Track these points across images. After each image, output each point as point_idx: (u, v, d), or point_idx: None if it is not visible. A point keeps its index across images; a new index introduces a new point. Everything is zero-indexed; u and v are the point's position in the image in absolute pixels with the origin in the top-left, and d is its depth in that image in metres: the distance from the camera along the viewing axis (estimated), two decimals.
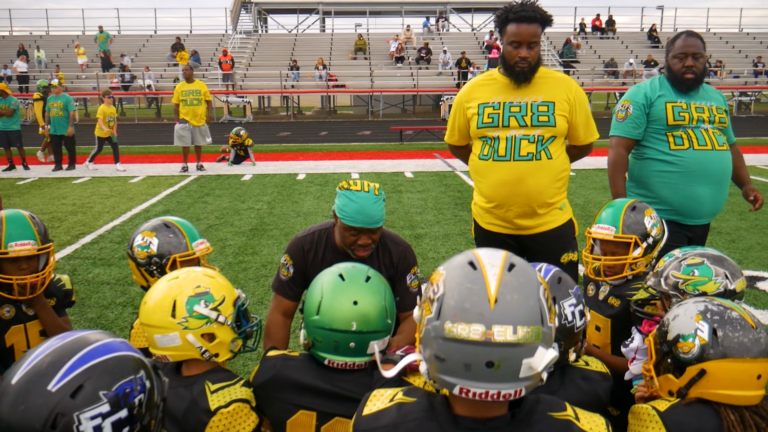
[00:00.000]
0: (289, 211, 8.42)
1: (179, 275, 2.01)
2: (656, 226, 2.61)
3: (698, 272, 2.18)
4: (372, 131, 20.60)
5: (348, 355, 1.93)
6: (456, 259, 1.40)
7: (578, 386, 1.92)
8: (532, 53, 2.87)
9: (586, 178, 10.88)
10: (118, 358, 1.40)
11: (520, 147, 2.92)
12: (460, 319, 1.27)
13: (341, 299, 1.92)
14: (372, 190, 2.46)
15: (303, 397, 1.93)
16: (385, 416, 1.44)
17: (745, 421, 1.73)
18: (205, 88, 12.10)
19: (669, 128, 3.29)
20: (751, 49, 29.44)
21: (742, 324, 1.78)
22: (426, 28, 31.75)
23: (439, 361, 1.32)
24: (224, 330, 2.00)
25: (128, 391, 1.36)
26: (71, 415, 1.28)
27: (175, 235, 2.62)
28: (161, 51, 28.26)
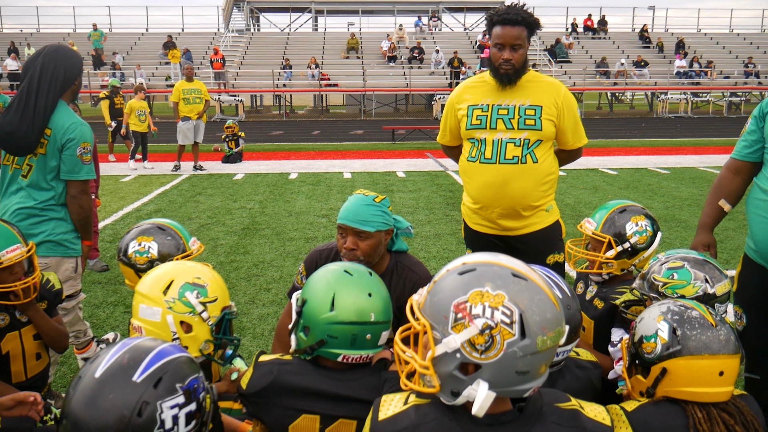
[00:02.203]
0: (281, 210, 8.43)
1: (187, 262, 2.15)
2: (640, 234, 2.61)
3: (677, 276, 2.23)
4: (364, 130, 20.63)
5: (364, 347, 1.92)
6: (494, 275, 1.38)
7: (575, 374, 1.99)
8: (516, 55, 2.90)
9: (577, 178, 10.95)
10: (186, 358, 1.56)
11: (506, 150, 2.95)
12: (550, 329, 1.35)
13: (357, 292, 1.92)
14: (370, 197, 2.41)
15: (304, 401, 1.91)
16: (403, 419, 1.46)
17: (712, 418, 1.78)
18: (204, 87, 12.13)
19: None
20: (741, 50, 29.65)
21: (701, 322, 1.83)
22: (418, 28, 31.79)
23: (520, 375, 1.36)
24: (202, 327, 2.06)
25: (196, 387, 1.51)
26: (155, 404, 1.42)
27: (172, 237, 2.67)
28: (153, 49, 28.16)
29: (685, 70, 27.03)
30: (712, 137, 17.83)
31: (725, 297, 2.24)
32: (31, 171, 3.24)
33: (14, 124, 3.12)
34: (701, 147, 15.51)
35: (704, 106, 28.22)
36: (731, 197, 2.87)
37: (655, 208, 8.31)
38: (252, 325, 4.50)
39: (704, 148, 15.35)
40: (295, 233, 7.16)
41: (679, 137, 17.91)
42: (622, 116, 26.92)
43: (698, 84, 26.93)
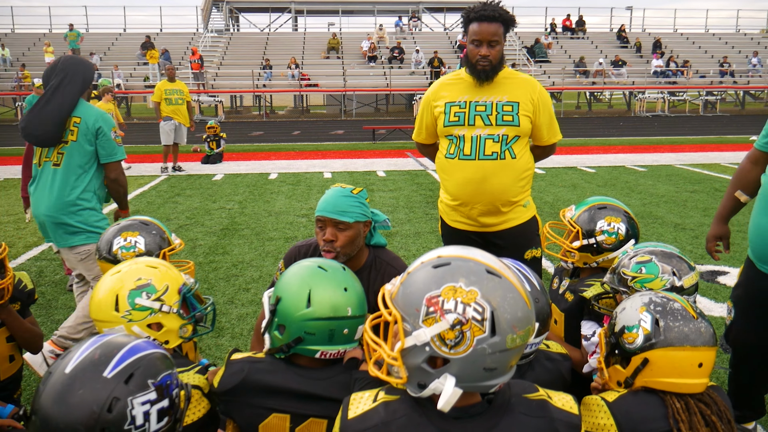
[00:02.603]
0: (261, 210, 8.39)
1: (122, 269, 2.05)
2: (608, 235, 2.61)
3: (645, 270, 2.26)
4: (345, 130, 20.61)
5: (341, 342, 1.92)
6: (468, 271, 1.37)
7: (544, 366, 2.01)
8: (493, 52, 2.92)
9: (555, 176, 11.04)
10: (160, 354, 1.55)
11: (485, 146, 2.97)
12: (520, 328, 1.35)
13: (333, 287, 1.91)
14: (348, 188, 2.42)
15: (275, 400, 1.89)
16: (373, 416, 1.46)
17: (690, 409, 1.80)
18: (186, 88, 12.03)
19: None
20: (716, 50, 30.07)
21: (684, 314, 1.85)
22: (398, 28, 31.82)
23: (488, 372, 1.36)
24: (171, 318, 2.04)
25: (169, 383, 1.51)
26: (126, 400, 1.41)
27: (156, 232, 2.70)
28: (131, 49, 27.89)
29: (662, 69, 27.37)
30: (688, 135, 18.06)
31: (692, 289, 2.27)
32: (63, 159, 3.62)
33: (30, 120, 3.56)
34: (677, 145, 15.71)
35: (681, 105, 28.59)
36: (749, 188, 2.81)
37: (632, 205, 8.40)
38: (231, 325, 4.47)
39: (680, 146, 15.55)
40: (275, 233, 7.13)
41: (656, 136, 18.11)
42: (601, 115, 27.18)
43: (675, 83, 27.28)
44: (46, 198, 3.62)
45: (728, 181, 10.81)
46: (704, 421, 1.80)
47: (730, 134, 18.26)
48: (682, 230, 7.11)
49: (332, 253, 2.36)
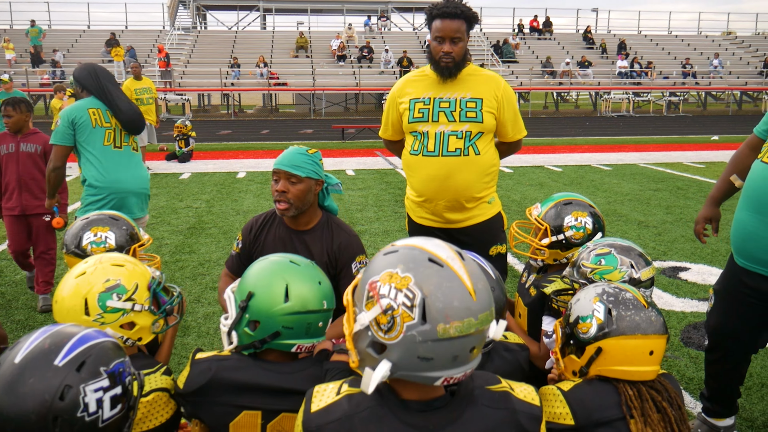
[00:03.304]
0: (228, 209, 8.32)
1: (86, 270, 1.97)
2: (576, 229, 2.64)
3: (605, 261, 2.30)
4: (314, 130, 20.54)
5: (317, 335, 1.94)
6: (409, 258, 1.38)
7: (503, 357, 2.03)
8: (456, 48, 2.93)
9: (523, 175, 11.16)
10: (111, 342, 1.55)
11: (449, 143, 2.99)
12: (453, 318, 1.31)
13: (309, 281, 1.92)
14: (304, 148, 2.56)
15: (245, 398, 1.86)
16: (336, 409, 1.45)
17: (642, 395, 1.85)
18: (153, 85, 11.76)
19: None
20: (679, 51, 30.71)
21: (635, 304, 1.91)
22: (367, 27, 31.81)
23: (424, 361, 1.34)
24: (143, 316, 2.00)
25: (121, 370, 1.50)
26: (78, 387, 1.40)
27: (126, 227, 2.69)
28: (95, 47, 27.36)
29: (626, 70, 27.85)
30: (652, 135, 18.42)
31: (649, 282, 2.32)
32: (134, 143, 4.27)
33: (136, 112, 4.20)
34: (642, 145, 16.01)
35: (645, 105, 29.15)
36: (744, 174, 2.76)
37: (597, 203, 8.50)
38: (197, 324, 4.43)
39: (644, 145, 15.85)
40: None
41: (621, 135, 18.43)
42: (568, 115, 27.56)
43: (639, 84, 27.78)
44: (137, 175, 4.20)
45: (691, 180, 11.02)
46: (656, 407, 1.85)
47: (693, 134, 18.67)
48: (646, 227, 7.25)
49: (284, 203, 2.50)
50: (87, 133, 4.03)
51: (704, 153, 14.01)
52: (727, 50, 31.27)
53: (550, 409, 1.87)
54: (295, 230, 2.62)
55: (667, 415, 1.84)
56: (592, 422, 1.82)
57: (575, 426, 1.82)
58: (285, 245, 2.59)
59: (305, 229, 2.61)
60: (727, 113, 27.61)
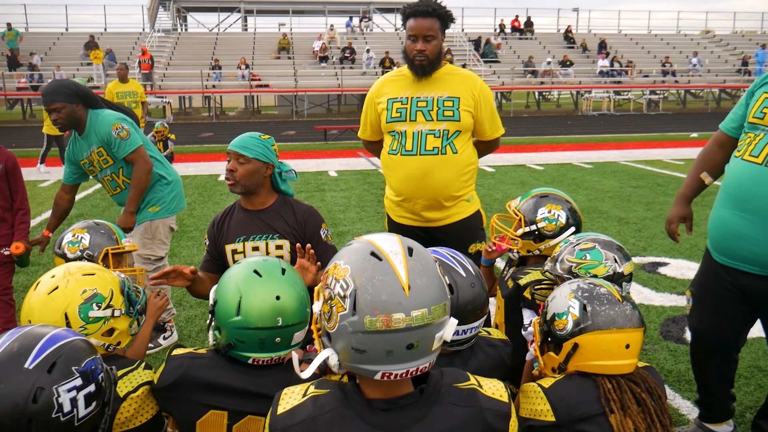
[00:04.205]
0: (210, 212, 8.27)
1: (58, 284, 1.93)
2: (549, 221, 2.69)
3: (590, 256, 2.32)
4: (297, 131, 20.49)
5: (273, 350, 1.91)
6: (354, 250, 1.41)
7: (486, 352, 2.05)
8: (429, 47, 2.94)
9: (505, 174, 11.21)
10: (80, 341, 1.56)
11: (426, 141, 2.99)
12: (380, 312, 1.32)
13: (263, 296, 1.87)
14: (257, 133, 2.71)
15: (213, 397, 1.89)
16: (301, 411, 1.45)
17: (621, 388, 1.87)
18: (141, 88, 11.24)
19: (748, 127, 2.54)
20: (659, 50, 31.02)
21: (609, 298, 1.92)
22: (349, 28, 31.80)
23: (358, 353, 1.35)
24: (121, 320, 2.01)
25: (93, 368, 1.51)
26: (51, 389, 1.41)
27: (105, 231, 2.82)
28: (74, 49, 27.07)
29: (607, 69, 28.08)
30: (633, 133, 18.59)
31: (629, 277, 2.35)
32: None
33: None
34: (622, 142, 16.14)
35: (625, 103, 29.39)
36: (714, 170, 2.79)
37: (578, 200, 8.59)
38: (179, 327, 4.40)
39: (625, 143, 15.98)
40: None
41: (602, 134, 18.57)
42: (549, 114, 27.73)
43: (620, 83, 28.01)
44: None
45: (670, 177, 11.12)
46: (635, 399, 1.87)
47: (672, 131, 18.86)
48: (626, 224, 7.31)
49: (231, 181, 2.64)
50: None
51: (684, 150, 14.15)
52: (706, 48, 31.65)
53: (531, 407, 1.88)
54: (253, 211, 2.73)
55: (647, 407, 1.86)
56: (573, 418, 1.83)
57: (557, 422, 1.83)
58: (246, 227, 2.70)
59: (262, 208, 2.73)
60: (707, 111, 27.93)
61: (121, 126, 3.77)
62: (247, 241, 2.67)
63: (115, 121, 3.77)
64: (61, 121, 3.67)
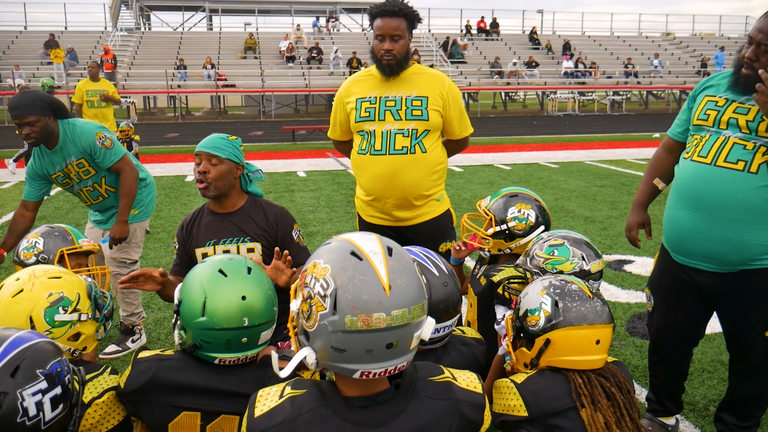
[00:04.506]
0: (178, 213, 8.16)
1: (23, 287, 1.89)
2: (519, 221, 2.73)
3: (558, 252, 2.36)
4: (264, 131, 20.33)
5: (240, 350, 1.89)
6: (333, 249, 1.41)
7: (459, 351, 2.07)
8: (397, 46, 2.96)
9: (473, 174, 11.30)
10: (45, 343, 1.52)
11: (395, 141, 3.01)
12: (361, 311, 1.32)
13: (228, 296, 1.84)
14: (225, 134, 2.68)
15: (184, 398, 1.86)
16: (279, 413, 1.44)
17: (591, 383, 1.90)
18: (112, 87, 10.82)
19: (694, 129, 2.63)
20: (621, 52, 31.61)
21: (580, 295, 1.96)
22: (316, 28, 31.69)
23: (338, 352, 1.35)
24: (87, 324, 1.98)
25: (59, 370, 1.49)
26: (15, 393, 1.38)
27: (60, 234, 2.79)
28: (33, 48, 26.45)
29: (571, 70, 28.52)
30: (597, 133, 18.91)
31: (598, 275, 2.40)
32: None
33: None
34: (587, 143, 16.41)
35: (590, 104, 29.90)
36: (665, 176, 2.88)
37: (545, 199, 8.66)
38: (148, 330, 4.34)
39: (590, 143, 16.26)
40: None
41: (567, 134, 18.86)
42: (516, 114, 28.05)
43: (584, 84, 28.48)
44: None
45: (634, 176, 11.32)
46: (605, 393, 1.91)
47: (635, 132, 19.24)
48: (592, 222, 7.44)
49: (204, 183, 2.59)
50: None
51: (646, 150, 14.44)
52: (667, 50, 32.36)
53: (504, 402, 1.90)
54: (223, 214, 2.69)
55: (616, 401, 1.90)
56: (545, 412, 1.86)
57: (529, 417, 1.86)
58: (217, 230, 2.66)
59: (232, 211, 2.70)
60: (668, 111, 28.56)
61: (104, 135, 3.65)
62: (218, 245, 2.64)
63: (97, 131, 3.64)
64: (35, 135, 3.43)
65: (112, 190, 3.83)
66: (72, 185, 3.76)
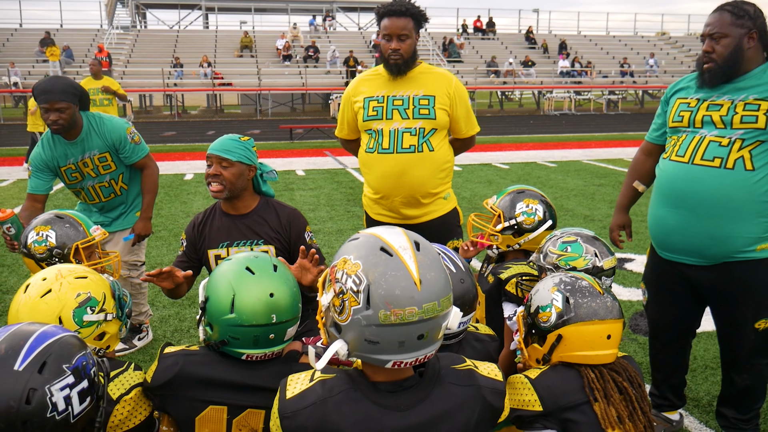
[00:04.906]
0: (178, 211, 8.17)
1: (51, 287, 1.91)
2: (528, 215, 2.79)
3: (571, 249, 2.40)
4: (261, 130, 20.32)
5: (267, 346, 1.92)
6: (363, 245, 1.44)
7: (474, 347, 2.11)
8: (404, 45, 3.00)
9: (472, 172, 11.34)
10: (69, 337, 1.53)
11: (403, 139, 3.04)
12: (394, 306, 1.37)
13: (257, 294, 1.88)
14: (236, 135, 2.66)
15: (211, 392, 1.89)
16: (310, 395, 1.50)
17: (603, 378, 1.94)
18: (116, 84, 10.76)
19: (671, 131, 2.73)
20: (617, 51, 31.71)
21: (591, 291, 1.99)
22: (313, 27, 31.67)
23: (371, 344, 1.40)
24: (112, 324, 2.00)
25: (84, 363, 1.50)
26: (43, 389, 1.40)
27: (71, 225, 2.65)
28: (28, 46, 26.35)
29: (567, 69, 28.59)
30: (594, 132, 18.97)
31: (611, 272, 2.43)
32: None
33: None
34: (584, 142, 16.47)
35: (586, 103, 29.97)
36: (645, 178, 3.00)
37: None
38: (153, 328, 4.35)
39: (587, 142, 16.31)
40: None
41: (564, 133, 18.91)
42: (512, 114, 28.09)
43: (580, 83, 28.55)
44: None
45: None
46: (617, 388, 1.94)
47: (632, 131, 19.31)
48: (591, 221, 7.48)
49: (217, 185, 2.58)
50: None
51: None
52: (662, 50, 32.46)
53: (518, 397, 1.93)
54: (236, 215, 2.69)
55: (628, 395, 1.93)
56: (559, 407, 1.89)
57: (544, 412, 1.89)
58: (230, 232, 2.66)
59: (245, 213, 2.70)
60: None
61: (133, 130, 3.65)
62: (231, 247, 2.66)
63: (127, 126, 3.64)
64: (62, 122, 3.33)
65: (126, 188, 3.80)
66: (82, 180, 3.62)
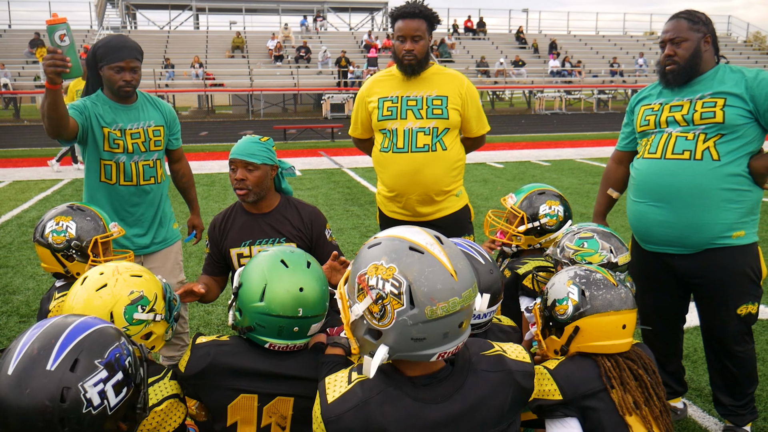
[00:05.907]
0: (178, 211, 8.17)
1: (107, 282, 1.96)
2: (551, 217, 2.89)
3: (587, 245, 2.48)
4: (254, 130, 20.31)
5: (290, 338, 1.99)
6: (391, 249, 1.49)
7: (498, 338, 2.18)
8: (417, 47, 3.08)
9: (467, 172, 11.34)
10: (101, 330, 1.52)
11: (417, 139, 3.11)
12: (439, 300, 1.43)
13: (287, 286, 1.95)
14: (257, 137, 2.70)
15: (242, 381, 1.96)
16: (352, 398, 1.54)
17: (619, 366, 2.03)
18: None
19: (640, 135, 2.88)
20: (607, 51, 31.92)
21: (605, 283, 2.08)
22: (304, 27, 31.67)
23: (417, 342, 1.45)
24: (159, 325, 2.05)
25: (118, 356, 1.49)
26: (76, 386, 1.40)
27: (92, 218, 2.60)
28: (18, 47, 26.19)
29: (558, 69, 28.77)
30: (585, 131, 19.14)
31: (625, 267, 2.52)
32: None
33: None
34: (576, 141, 16.62)
35: (576, 103, 30.18)
36: (618, 185, 3.16)
37: None
38: None
39: (579, 141, 16.46)
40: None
41: (555, 132, 19.06)
42: (503, 113, 28.23)
43: (570, 83, 28.74)
44: None
45: None
46: (633, 375, 2.02)
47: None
48: (588, 219, 7.56)
49: (244, 190, 2.62)
50: None
51: None
52: (651, 49, 32.69)
53: (539, 387, 2.00)
54: (258, 214, 2.73)
55: (643, 381, 2.01)
56: (578, 395, 1.96)
57: (564, 400, 1.96)
58: (252, 231, 2.70)
59: (267, 211, 2.74)
60: None
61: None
62: (254, 246, 2.70)
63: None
64: (135, 83, 3.06)
65: (163, 179, 3.36)
66: (123, 152, 3.10)
